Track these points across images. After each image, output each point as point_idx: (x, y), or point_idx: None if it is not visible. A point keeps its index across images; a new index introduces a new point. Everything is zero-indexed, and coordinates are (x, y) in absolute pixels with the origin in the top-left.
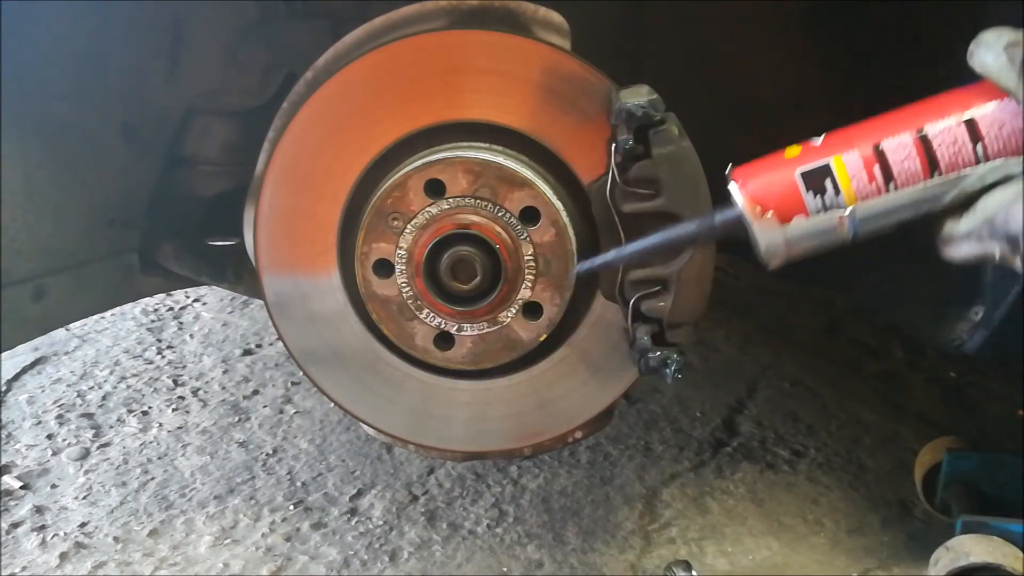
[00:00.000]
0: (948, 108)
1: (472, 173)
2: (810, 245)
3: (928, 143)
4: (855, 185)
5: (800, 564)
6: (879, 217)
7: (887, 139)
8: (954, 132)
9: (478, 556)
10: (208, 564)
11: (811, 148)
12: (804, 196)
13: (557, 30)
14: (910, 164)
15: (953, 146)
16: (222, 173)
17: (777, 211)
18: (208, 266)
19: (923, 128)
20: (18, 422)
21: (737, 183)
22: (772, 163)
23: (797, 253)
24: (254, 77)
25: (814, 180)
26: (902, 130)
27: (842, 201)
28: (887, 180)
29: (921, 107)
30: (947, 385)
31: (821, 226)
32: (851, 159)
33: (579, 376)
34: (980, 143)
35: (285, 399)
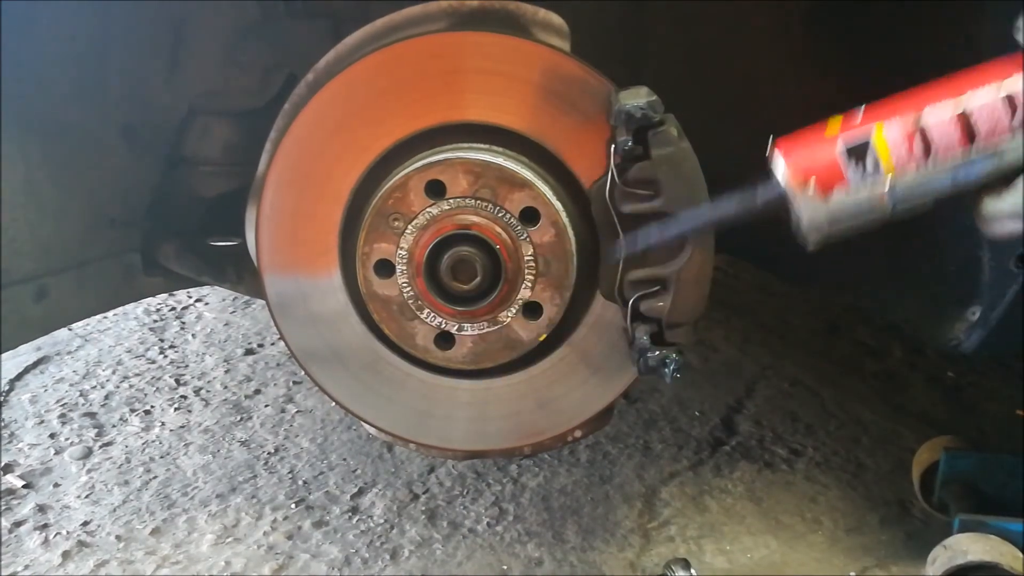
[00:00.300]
0: (986, 79)
1: (472, 174)
2: (851, 220)
3: (966, 113)
4: (895, 157)
5: (798, 562)
6: (918, 189)
7: (926, 110)
8: (992, 102)
9: (478, 554)
10: (210, 562)
11: (852, 122)
12: (845, 168)
13: (557, 32)
14: (949, 134)
15: (991, 116)
16: (223, 173)
17: (819, 183)
18: (210, 266)
19: (961, 98)
20: (21, 421)
21: (780, 155)
22: (813, 137)
23: (838, 229)
24: (255, 78)
25: (855, 152)
26: (941, 101)
27: (882, 173)
28: (926, 152)
29: (959, 79)
30: (946, 385)
31: (862, 198)
32: (891, 131)
33: (579, 375)
34: (1017, 113)
35: (287, 398)
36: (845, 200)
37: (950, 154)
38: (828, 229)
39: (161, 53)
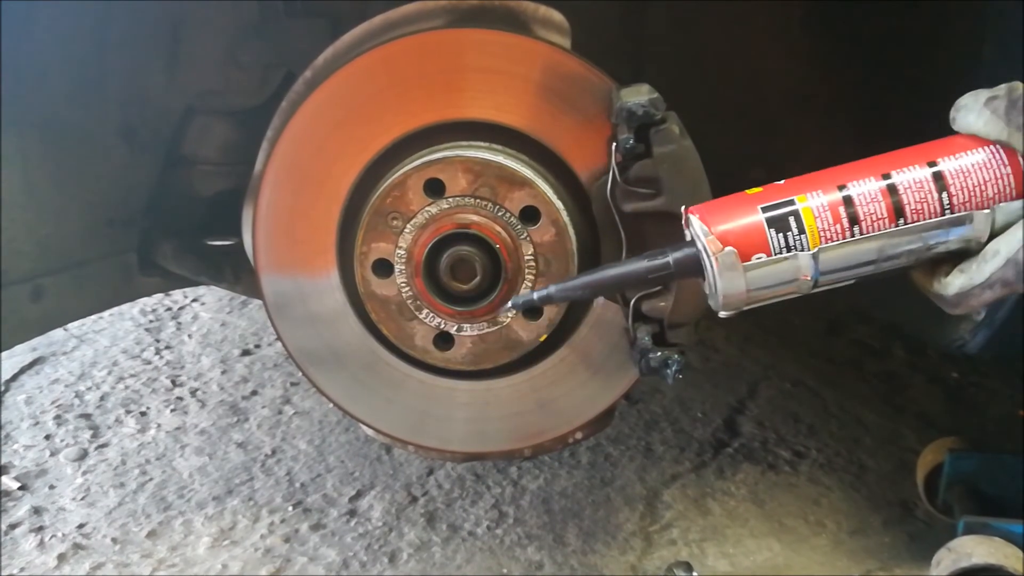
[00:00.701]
0: (915, 158)
1: (472, 172)
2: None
3: (894, 189)
4: (819, 225)
5: (801, 565)
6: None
7: (853, 182)
8: (921, 181)
9: (478, 557)
10: (207, 565)
11: (775, 187)
12: (767, 232)
13: (557, 29)
14: (876, 209)
15: (919, 194)
16: (221, 173)
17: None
18: (207, 266)
19: (890, 174)
20: (16, 422)
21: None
22: (733, 200)
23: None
24: (253, 77)
25: (777, 216)
26: (868, 175)
27: (805, 241)
28: (852, 223)
29: (888, 156)
30: (949, 385)
31: (783, 267)
32: (816, 199)
33: (579, 376)
34: (946, 192)
35: (284, 400)
36: (765, 269)
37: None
38: (745, 297)
39: (160, 53)
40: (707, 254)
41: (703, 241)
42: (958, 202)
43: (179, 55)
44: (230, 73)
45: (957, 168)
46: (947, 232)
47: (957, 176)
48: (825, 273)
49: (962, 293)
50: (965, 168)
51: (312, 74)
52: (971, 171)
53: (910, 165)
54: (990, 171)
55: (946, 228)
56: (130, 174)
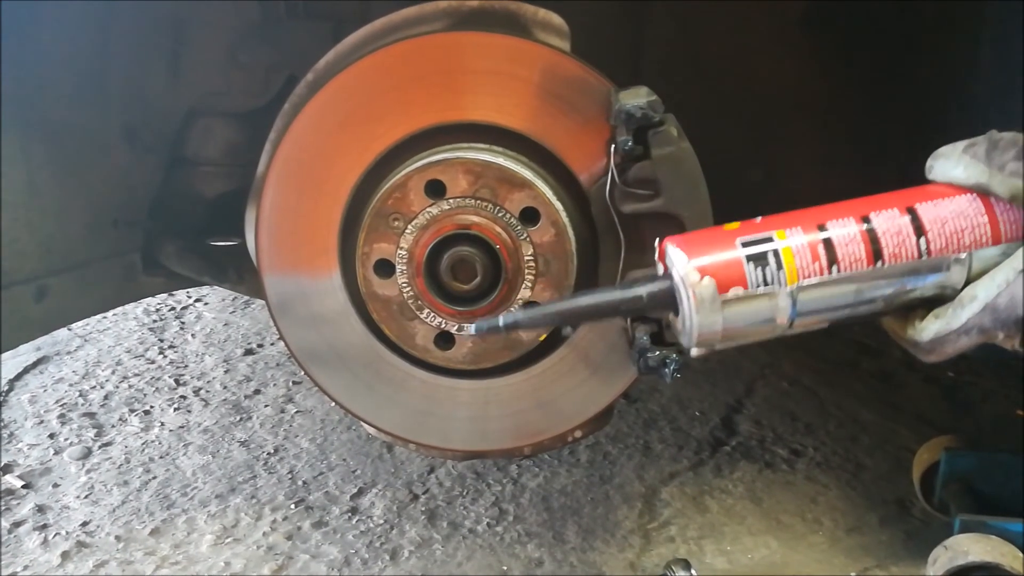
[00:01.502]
0: (894, 203)
1: (472, 174)
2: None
3: (873, 232)
4: (798, 263)
5: (799, 563)
6: (820, 302)
7: (832, 222)
8: (899, 225)
9: (478, 555)
10: (209, 563)
11: (753, 224)
12: (745, 267)
13: (557, 32)
14: (855, 250)
15: (897, 237)
16: (224, 174)
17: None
18: (210, 266)
19: (869, 217)
20: (20, 421)
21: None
22: (711, 234)
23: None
24: (256, 78)
25: (757, 252)
26: (847, 216)
27: (783, 278)
28: (831, 263)
29: (867, 200)
30: (945, 384)
31: (761, 303)
32: (795, 236)
33: (578, 375)
34: (924, 238)
35: (286, 398)
36: (742, 306)
37: (853, 269)
38: (720, 338)
39: (162, 54)
40: (684, 286)
41: (681, 272)
42: (935, 248)
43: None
44: (232, 75)
45: (935, 214)
46: (923, 277)
47: (935, 222)
48: (802, 313)
49: (937, 339)
50: (943, 215)
51: (314, 76)
52: (949, 218)
53: (889, 209)
54: (967, 219)
55: (923, 273)
56: (133, 175)
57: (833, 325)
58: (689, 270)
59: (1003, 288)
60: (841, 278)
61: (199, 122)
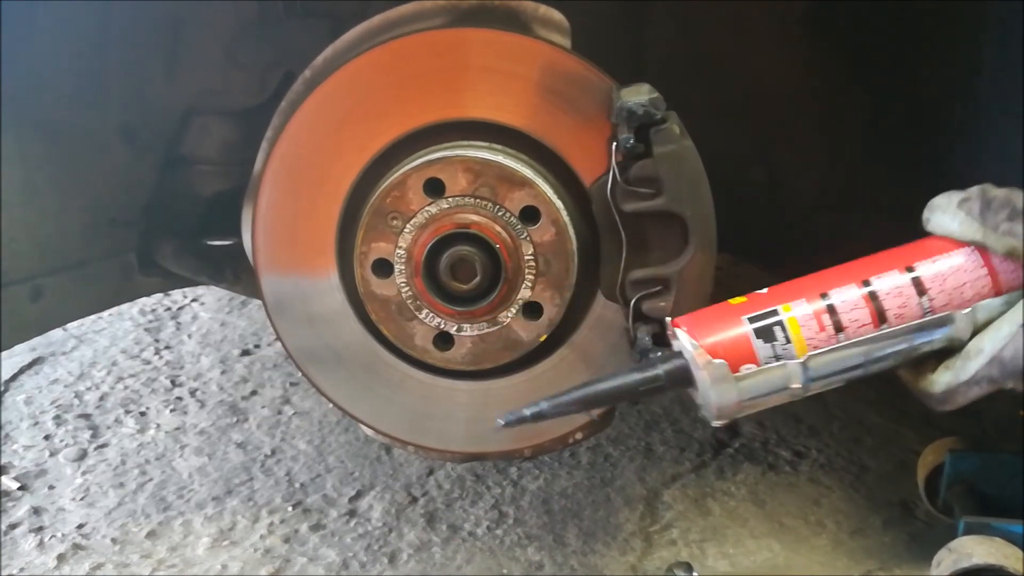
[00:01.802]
0: (893, 263)
1: (472, 172)
2: (762, 398)
3: (875, 295)
4: (805, 333)
5: (802, 566)
6: (831, 367)
7: (835, 289)
8: (901, 286)
9: (478, 558)
10: (206, 566)
11: (758, 296)
12: (754, 343)
13: (557, 28)
14: (859, 315)
15: (899, 298)
16: (221, 173)
17: (728, 361)
18: (206, 266)
19: (870, 281)
20: (15, 423)
21: (683, 329)
22: (718, 311)
23: (747, 408)
24: (253, 76)
25: (764, 327)
26: (849, 282)
27: (792, 350)
28: (837, 330)
29: (867, 261)
30: None
31: (774, 376)
32: (800, 307)
33: (579, 376)
34: (926, 296)
35: (283, 400)
36: (756, 379)
37: (861, 333)
38: (738, 407)
39: (160, 53)
40: (697, 367)
41: (692, 355)
42: (938, 304)
43: (179, 55)
44: (230, 73)
45: (935, 272)
46: (930, 333)
47: (935, 280)
48: (815, 379)
49: (949, 391)
50: (943, 271)
51: (311, 74)
52: (949, 274)
53: (889, 271)
54: (967, 273)
55: (929, 329)
56: (130, 174)
57: (849, 383)
58: (700, 352)
59: (1008, 341)
60: (849, 344)
61: (196, 121)
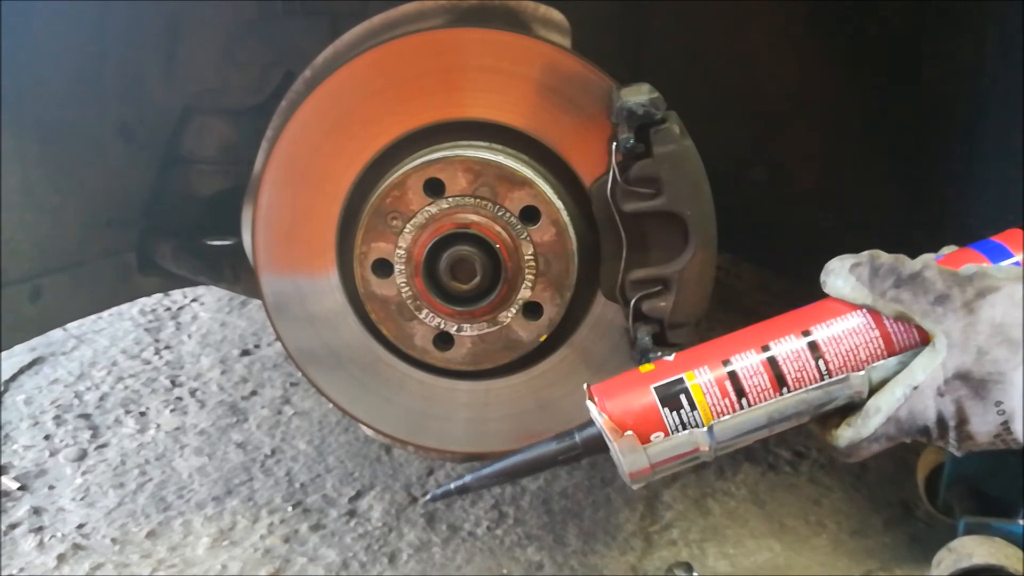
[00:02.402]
0: (790, 327)
1: (472, 172)
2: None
3: (774, 360)
4: (709, 401)
5: (802, 566)
6: (736, 431)
7: (735, 356)
8: (798, 351)
9: (478, 558)
10: (206, 566)
11: (665, 364)
12: (662, 412)
13: (558, 28)
14: (759, 380)
15: (797, 362)
16: (220, 172)
17: (636, 429)
18: (206, 266)
19: (768, 346)
20: (15, 423)
21: (595, 401)
22: (628, 380)
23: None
24: (252, 76)
25: (670, 396)
26: (748, 348)
27: (698, 417)
28: (739, 396)
29: (766, 327)
30: None
31: (681, 443)
32: (703, 375)
33: (580, 377)
34: (821, 359)
35: (283, 400)
36: (665, 446)
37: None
38: (652, 474)
39: (158, 52)
40: (608, 439)
41: (602, 426)
42: (834, 367)
43: (177, 54)
44: (228, 72)
45: (829, 335)
46: (828, 395)
47: (830, 343)
48: (722, 442)
49: (851, 447)
50: (837, 335)
51: (312, 73)
52: (843, 337)
53: (786, 336)
54: (860, 335)
55: (826, 391)
56: (128, 174)
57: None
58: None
59: (902, 402)
60: (751, 410)
61: (195, 120)
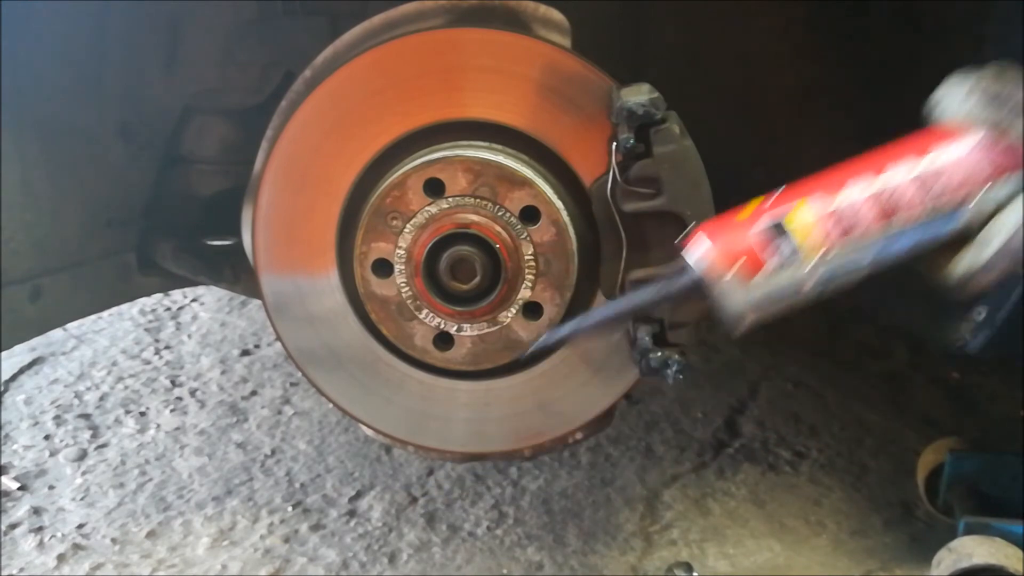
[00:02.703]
0: (901, 156)
1: (472, 172)
2: (776, 304)
3: (882, 193)
4: (813, 240)
5: (802, 566)
6: (839, 270)
7: (842, 190)
8: (907, 181)
9: (478, 558)
10: (206, 566)
11: (769, 205)
12: (763, 254)
13: (558, 28)
14: (865, 214)
15: (907, 194)
16: (220, 172)
17: (740, 269)
18: (206, 266)
19: (874, 178)
20: (15, 423)
21: (696, 245)
22: (729, 223)
23: (764, 314)
24: (252, 76)
25: (774, 236)
26: (857, 179)
27: (800, 256)
28: (844, 232)
29: (875, 156)
30: (949, 386)
31: (784, 282)
32: (808, 213)
33: (580, 377)
34: (933, 188)
35: (283, 400)
36: (767, 285)
37: (868, 233)
38: (752, 315)
39: (158, 51)
40: (710, 280)
41: (704, 268)
42: (946, 196)
43: (177, 54)
44: (229, 72)
45: (942, 163)
46: (939, 226)
47: (943, 171)
48: (827, 279)
49: (964, 278)
50: (950, 161)
51: (312, 73)
52: (957, 164)
53: (896, 164)
54: (974, 161)
55: (937, 223)
56: (128, 173)
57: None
58: (711, 265)
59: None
60: (857, 245)
61: (195, 120)
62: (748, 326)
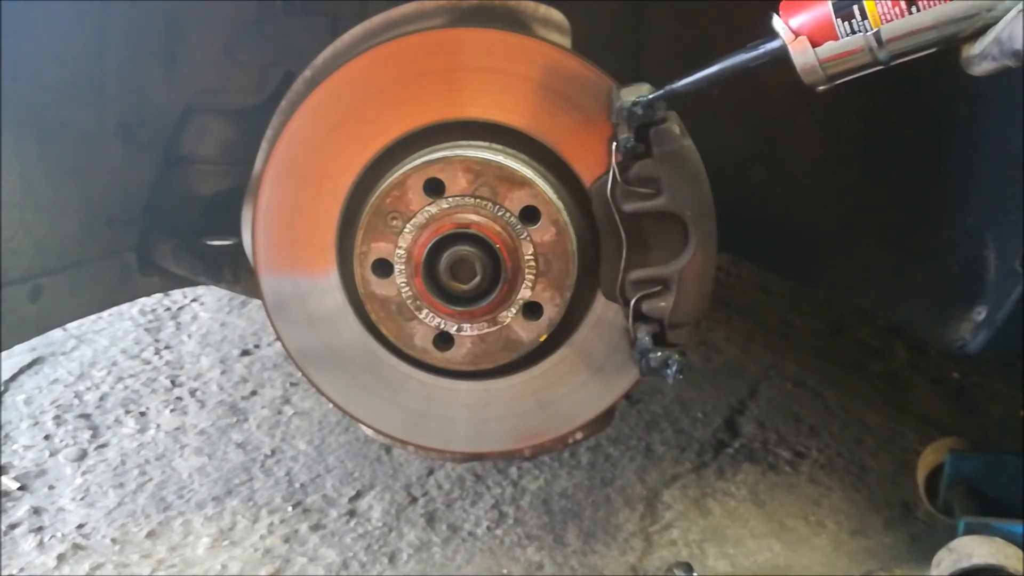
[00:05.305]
0: None
1: (472, 172)
2: (844, 65)
3: None
4: (880, 9)
5: (802, 566)
6: (904, 38)
7: None
8: None
9: (478, 558)
10: (206, 566)
11: None
12: (835, 22)
13: (557, 28)
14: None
15: None
16: (220, 172)
17: (812, 36)
18: (206, 266)
19: None
20: (15, 423)
21: (779, 14)
22: None
23: (835, 73)
24: (252, 76)
25: (844, 8)
26: None
27: (868, 25)
28: (910, 3)
29: None
30: (950, 386)
31: (849, 46)
32: None
33: (580, 377)
34: None
35: (283, 400)
36: (833, 46)
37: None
38: (824, 74)
39: (158, 51)
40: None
41: (781, 33)
42: None
43: (177, 54)
44: (229, 72)
45: None
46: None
47: None
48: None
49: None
50: None
51: (312, 73)
52: None
53: None
54: None
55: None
56: (128, 173)
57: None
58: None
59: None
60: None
61: (195, 120)
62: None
